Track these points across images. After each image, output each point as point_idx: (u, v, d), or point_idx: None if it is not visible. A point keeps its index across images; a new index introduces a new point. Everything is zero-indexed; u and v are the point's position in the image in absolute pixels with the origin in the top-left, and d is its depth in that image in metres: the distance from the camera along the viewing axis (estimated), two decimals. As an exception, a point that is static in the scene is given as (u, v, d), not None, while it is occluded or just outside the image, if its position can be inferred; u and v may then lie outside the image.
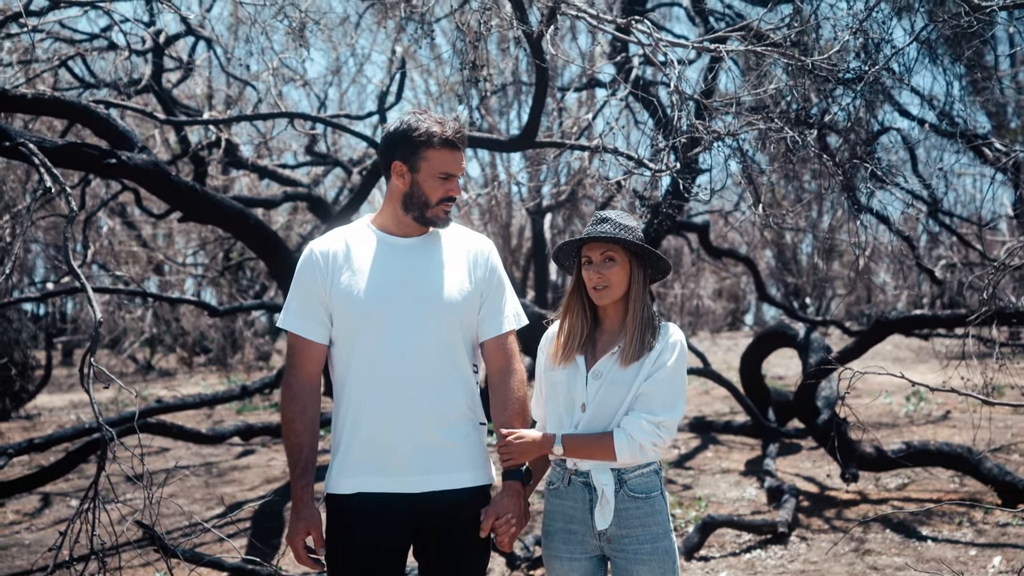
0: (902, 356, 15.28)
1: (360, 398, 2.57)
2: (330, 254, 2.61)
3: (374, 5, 8.18)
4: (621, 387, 2.60)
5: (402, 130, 2.59)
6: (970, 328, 4.96)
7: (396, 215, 2.66)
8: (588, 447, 2.59)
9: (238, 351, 17.60)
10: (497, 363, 2.69)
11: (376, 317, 2.55)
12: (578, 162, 8.28)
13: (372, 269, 2.59)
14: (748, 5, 7.35)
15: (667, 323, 2.70)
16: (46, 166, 3.74)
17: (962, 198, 16.72)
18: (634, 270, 2.67)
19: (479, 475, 2.65)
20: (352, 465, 2.57)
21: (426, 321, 2.57)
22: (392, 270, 2.60)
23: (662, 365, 2.60)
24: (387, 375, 2.54)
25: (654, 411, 2.57)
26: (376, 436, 2.55)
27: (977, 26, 3.46)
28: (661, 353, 2.61)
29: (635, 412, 2.58)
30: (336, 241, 2.65)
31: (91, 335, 3.52)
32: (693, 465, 7.73)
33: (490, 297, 2.70)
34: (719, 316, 24.07)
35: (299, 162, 11.49)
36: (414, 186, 2.61)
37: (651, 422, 2.55)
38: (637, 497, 2.60)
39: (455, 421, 2.61)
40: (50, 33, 7.22)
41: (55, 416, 11.98)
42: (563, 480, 2.69)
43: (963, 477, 6.60)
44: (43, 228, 13.78)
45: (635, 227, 2.68)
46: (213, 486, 7.55)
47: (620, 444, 2.55)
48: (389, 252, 2.63)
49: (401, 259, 2.62)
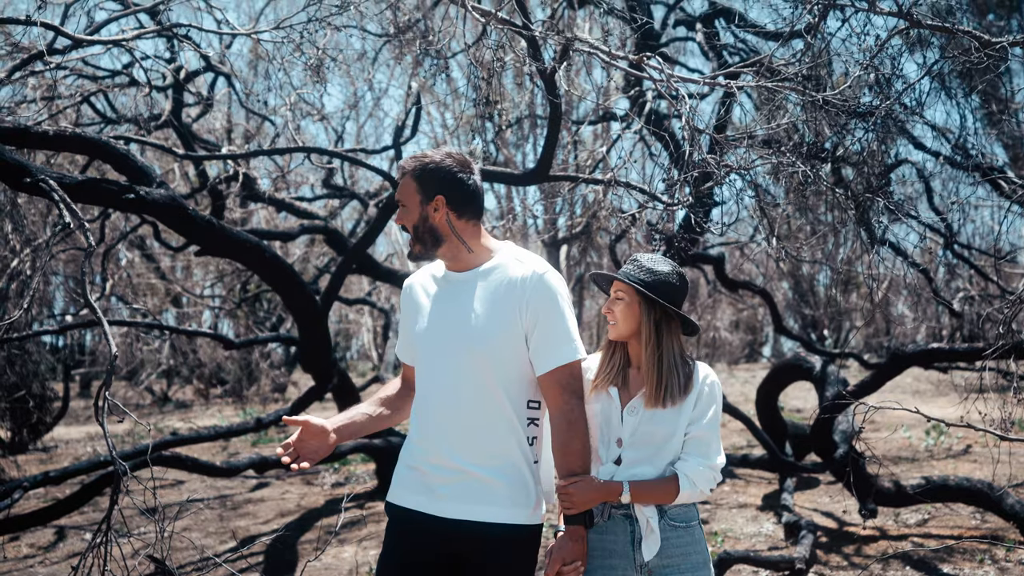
0: (922, 389, 15.11)
1: (413, 421, 2.80)
2: (412, 289, 2.87)
3: (391, 41, 8.28)
4: (661, 425, 2.65)
5: (431, 166, 2.72)
6: (988, 362, 4.91)
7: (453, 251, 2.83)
8: (653, 493, 2.64)
9: (254, 383, 17.63)
10: (549, 401, 2.69)
11: (423, 353, 2.77)
12: (593, 194, 8.33)
13: (429, 307, 2.80)
14: (761, 40, 7.40)
15: (698, 363, 2.73)
16: (65, 202, 3.80)
17: (980, 230, 16.60)
18: (643, 312, 2.69)
19: (519, 514, 2.64)
20: (401, 480, 2.77)
21: (462, 358, 2.65)
22: (440, 307, 2.76)
23: (708, 407, 2.68)
24: (429, 406, 2.72)
25: (710, 456, 2.66)
26: (419, 459, 2.71)
27: (988, 62, 3.47)
28: (702, 395, 2.68)
29: (693, 457, 2.65)
30: (421, 276, 2.89)
31: (107, 369, 3.53)
32: (710, 499, 7.66)
33: (537, 331, 2.65)
34: (736, 348, 23.92)
35: (316, 195, 11.59)
36: (437, 222, 2.78)
37: (710, 467, 2.65)
38: (678, 526, 2.65)
39: (495, 457, 2.63)
40: (73, 70, 7.36)
41: (72, 448, 12.03)
42: (602, 515, 2.67)
43: (984, 513, 6.49)
44: (63, 260, 13.92)
45: (661, 273, 2.70)
46: (227, 519, 7.54)
47: (684, 489, 2.63)
48: (444, 289, 2.80)
49: (449, 296, 2.76)
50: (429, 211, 2.69)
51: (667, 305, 2.69)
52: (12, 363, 9.44)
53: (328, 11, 5.50)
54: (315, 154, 7.77)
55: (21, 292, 7.95)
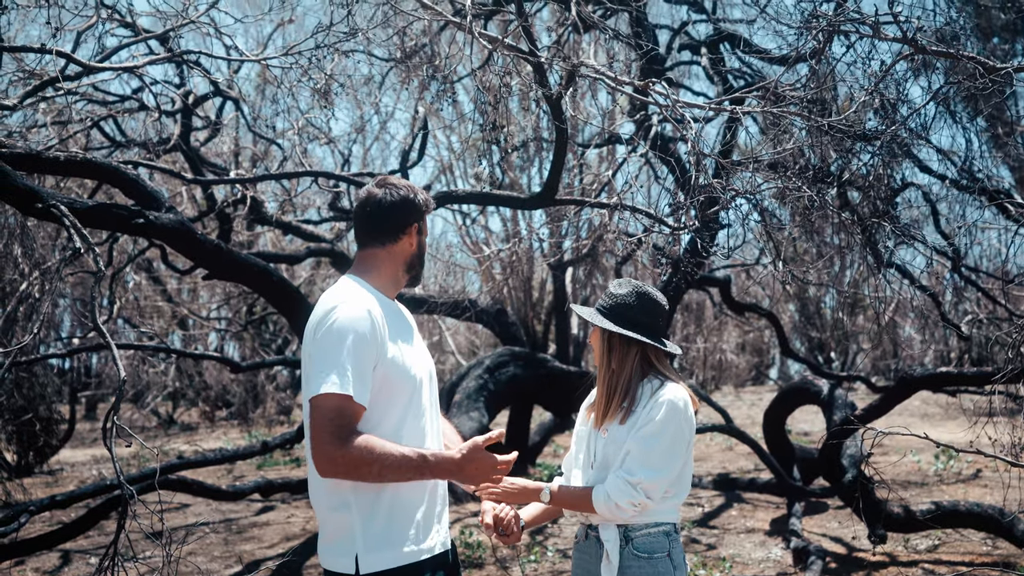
0: (930, 412, 15.02)
1: None
2: (379, 320, 2.56)
3: (398, 65, 8.35)
4: (615, 445, 2.70)
5: (411, 197, 2.72)
6: (997, 385, 4.89)
7: (396, 277, 2.73)
8: (571, 500, 2.73)
9: (260, 405, 17.62)
10: None
11: (418, 385, 2.65)
12: (599, 217, 8.33)
13: (405, 338, 2.66)
14: (766, 64, 7.43)
15: (668, 383, 2.72)
16: (76, 227, 3.82)
17: (987, 252, 16.57)
18: (606, 338, 2.78)
19: None
20: (418, 528, 2.55)
21: (433, 387, 2.77)
22: (414, 339, 2.73)
23: (645, 424, 2.65)
24: (428, 438, 2.66)
25: (632, 471, 2.62)
26: (433, 494, 2.64)
27: (993, 87, 3.49)
28: (649, 411, 2.66)
29: (616, 470, 2.66)
30: (374, 306, 2.57)
31: (116, 393, 3.55)
32: (717, 524, 7.60)
33: None
34: (743, 370, 23.82)
35: (322, 218, 11.64)
36: (420, 248, 2.76)
37: (628, 481, 2.61)
38: (640, 556, 2.66)
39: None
40: (83, 95, 7.43)
41: (77, 471, 12.01)
42: (583, 534, 2.82)
43: (995, 539, 6.43)
44: (71, 283, 13.99)
45: (618, 295, 2.79)
46: (232, 543, 7.51)
47: (597, 500, 2.64)
48: (401, 320, 2.73)
49: (410, 326, 2.77)
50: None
51: (614, 328, 2.74)
52: (19, 386, 9.47)
53: (336, 37, 5.55)
54: (322, 178, 7.83)
55: (29, 315, 7.98)
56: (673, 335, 18.17)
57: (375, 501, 2.50)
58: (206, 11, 5.79)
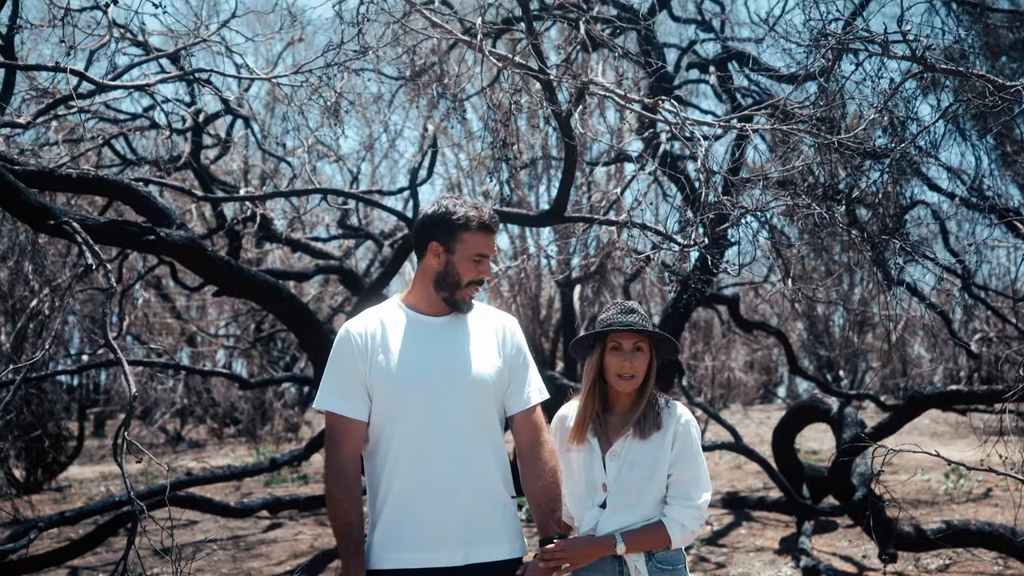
0: (940, 431, 14.94)
1: (402, 474, 2.63)
2: (367, 334, 2.67)
3: (407, 84, 8.40)
4: (642, 469, 2.73)
5: (440, 213, 2.70)
6: (1007, 404, 4.86)
7: (427, 294, 2.73)
8: (646, 540, 2.72)
9: (268, 422, 17.61)
10: (527, 436, 2.76)
11: (415, 396, 2.62)
12: (607, 235, 8.35)
13: (408, 349, 2.65)
14: (775, 82, 7.45)
15: (675, 402, 2.84)
16: (88, 244, 3.84)
17: (996, 271, 16.52)
18: (653, 359, 2.83)
19: (515, 547, 2.72)
20: (394, 540, 2.61)
21: (463, 398, 2.65)
22: (427, 349, 2.67)
23: (684, 448, 2.74)
24: (428, 452, 2.61)
25: (693, 496, 2.74)
26: (419, 511, 2.60)
27: (1002, 105, 3.50)
28: (678, 436, 2.75)
29: (677, 500, 2.73)
30: (371, 321, 2.71)
31: (126, 409, 3.56)
32: (727, 543, 7.56)
33: (517, 373, 2.78)
34: (751, 388, 23.71)
35: (331, 235, 11.69)
36: (448, 266, 2.70)
37: (695, 507, 2.73)
38: (664, 569, 2.72)
39: (493, 494, 2.68)
40: (95, 113, 7.50)
41: (85, 488, 12.01)
42: None
43: (1007, 559, 6.38)
44: (80, 300, 14.03)
45: (643, 313, 2.86)
46: (240, 560, 7.49)
47: (675, 534, 2.71)
48: (423, 331, 2.70)
49: (435, 338, 2.69)
50: None
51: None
52: (29, 403, 9.49)
53: (346, 56, 5.59)
54: (331, 195, 7.86)
55: (39, 332, 8.01)
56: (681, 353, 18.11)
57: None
58: (217, 30, 5.84)
